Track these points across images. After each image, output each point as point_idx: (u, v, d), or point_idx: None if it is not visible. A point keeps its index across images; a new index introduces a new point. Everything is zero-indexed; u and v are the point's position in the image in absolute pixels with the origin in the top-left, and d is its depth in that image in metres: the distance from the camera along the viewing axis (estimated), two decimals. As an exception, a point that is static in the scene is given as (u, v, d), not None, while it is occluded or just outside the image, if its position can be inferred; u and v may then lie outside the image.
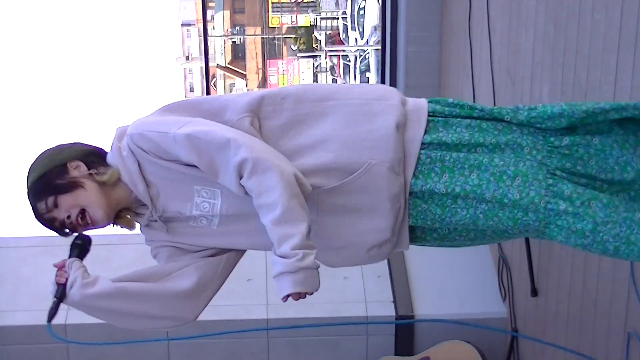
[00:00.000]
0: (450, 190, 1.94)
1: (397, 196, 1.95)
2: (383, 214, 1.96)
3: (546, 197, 1.91)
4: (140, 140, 1.98)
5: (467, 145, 1.97)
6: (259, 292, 4.23)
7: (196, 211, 2.01)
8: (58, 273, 2.02)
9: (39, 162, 2.06)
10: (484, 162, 1.94)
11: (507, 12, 3.96)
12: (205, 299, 2.08)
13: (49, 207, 2.02)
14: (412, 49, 5.28)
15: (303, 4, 26.59)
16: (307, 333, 4.20)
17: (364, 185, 1.94)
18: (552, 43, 3.35)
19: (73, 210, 2.01)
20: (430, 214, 1.98)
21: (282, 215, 1.86)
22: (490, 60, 4.22)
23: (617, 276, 2.85)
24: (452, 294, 4.29)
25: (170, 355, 4.22)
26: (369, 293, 4.29)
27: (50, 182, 2.01)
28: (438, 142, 1.98)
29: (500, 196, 1.92)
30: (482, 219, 1.95)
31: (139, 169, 2.01)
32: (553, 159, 1.95)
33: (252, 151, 1.88)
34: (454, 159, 1.95)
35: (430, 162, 1.97)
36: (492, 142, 1.97)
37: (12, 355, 4.20)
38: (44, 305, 4.56)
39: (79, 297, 1.99)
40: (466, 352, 4.02)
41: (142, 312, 2.02)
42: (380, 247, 2.01)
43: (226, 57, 27.89)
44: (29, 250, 4.48)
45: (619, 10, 2.71)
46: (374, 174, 1.94)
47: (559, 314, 3.49)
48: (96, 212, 2.02)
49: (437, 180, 1.95)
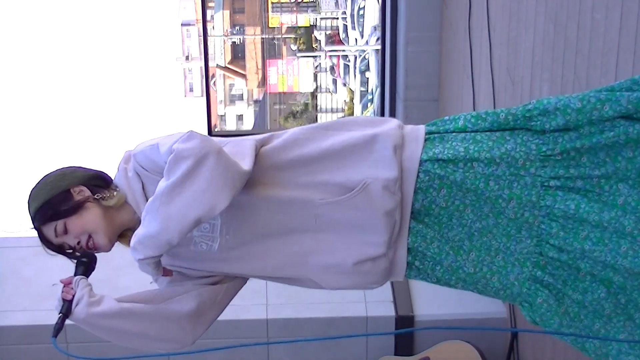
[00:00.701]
0: (449, 204, 1.99)
1: (392, 212, 1.98)
2: (378, 230, 1.98)
3: (540, 218, 1.97)
4: (142, 158, 2.03)
5: (463, 160, 1.99)
6: (259, 292, 4.23)
7: (197, 232, 2.04)
8: (65, 289, 2.03)
9: (41, 188, 2.08)
10: (480, 187, 1.97)
11: (507, 12, 3.96)
12: (204, 325, 2.14)
13: (58, 233, 2.06)
14: (412, 49, 5.28)
15: (303, 4, 26.58)
16: (307, 333, 4.20)
17: (361, 203, 1.97)
18: (552, 43, 3.35)
19: (83, 236, 2.06)
20: (420, 236, 2.01)
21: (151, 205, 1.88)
22: (490, 60, 4.22)
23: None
24: (452, 293, 4.28)
25: (170, 356, 4.22)
26: (369, 293, 4.29)
27: (56, 207, 2.05)
28: (435, 159, 2.01)
29: (496, 213, 1.99)
30: (477, 236, 2.00)
31: (142, 189, 2.05)
32: (546, 168, 1.97)
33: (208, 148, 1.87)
34: (450, 181, 1.98)
35: (428, 179, 2.00)
36: (487, 157, 1.99)
37: (12, 355, 4.20)
38: (44, 306, 4.60)
39: (84, 314, 2.00)
40: (466, 352, 4.02)
41: (143, 333, 2.05)
42: (374, 261, 2.01)
43: (226, 57, 27.89)
44: (29, 250, 4.48)
45: (619, 10, 2.71)
46: (370, 192, 1.97)
47: (559, 314, 3.49)
48: (100, 239, 2.07)
49: (435, 195, 1.99)
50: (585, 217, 1.93)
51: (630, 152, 1.93)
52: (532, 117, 2.00)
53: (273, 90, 27.78)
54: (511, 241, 2.00)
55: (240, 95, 29.33)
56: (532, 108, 2.00)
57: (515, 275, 2.02)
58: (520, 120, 2.02)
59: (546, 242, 1.97)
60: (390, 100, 5.64)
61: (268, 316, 4.17)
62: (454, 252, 2.02)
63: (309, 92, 27.51)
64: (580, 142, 1.95)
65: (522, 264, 2.01)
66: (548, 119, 1.98)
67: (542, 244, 1.98)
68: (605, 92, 1.98)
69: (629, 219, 1.90)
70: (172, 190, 1.86)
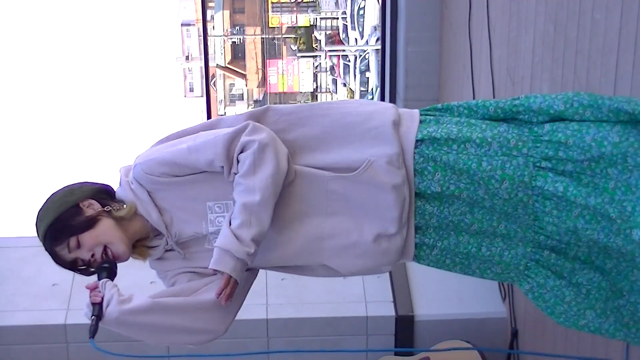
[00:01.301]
0: (444, 189, 2.00)
1: (400, 187, 2.00)
2: (389, 206, 2.00)
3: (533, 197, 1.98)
4: (153, 166, 2.03)
5: (456, 140, 2.01)
6: (259, 292, 4.23)
7: (212, 227, 2.05)
8: (92, 294, 2.01)
9: (49, 206, 2.07)
10: (473, 167, 1.98)
11: (507, 12, 3.96)
12: (233, 312, 2.12)
13: (72, 248, 2.04)
14: (412, 49, 5.28)
15: (303, 4, 26.60)
16: (307, 333, 4.21)
17: (368, 179, 1.99)
18: (552, 43, 3.35)
19: (97, 248, 2.05)
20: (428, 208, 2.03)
21: (258, 204, 1.93)
22: (490, 60, 4.22)
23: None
24: (452, 294, 4.30)
25: (170, 356, 4.22)
26: (369, 293, 4.29)
27: (67, 223, 2.03)
28: (429, 138, 2.03)
29: (490, 195, 1.99)
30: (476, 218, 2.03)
31: (150, 197, 2.05)
32: (538, 149, 1.98)
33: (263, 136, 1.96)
34: (444, 161, 2.00)
35: (423, 161, 2.02)
36: (480, 137, 2.01)
37: (12, 355, 4.20)
38: (44, 306, 4.59)
39: (116, 313, 1.98)
40: (466, 352, 4.02)
41: (177, 326, 2.03)
42: (390, 239, 2.02)
43: (226, 57, 27.90)
44: (29, 250, 4.48)
45: (619, 10, 2.71)
46: (375, 169, 1.99)
47: (559, 314, 3.49)
48: (119, 248, 2.05)
49: (430, 178, 2.01)
50: (573, 200, 1.94)
51: (617, 137, 1.93)
52: (519, 112, 2.05)
53: (273, 90, 27.78)
54: (509, 221, 2.01)
55: (240, 95, 29.31)
56: (518, 104, 2.05)
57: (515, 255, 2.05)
58: (509, 113, 2.07)
59: (542, 219, 1.99)
60: (390, 100, 5.64)
61: (268, 316, 4.17)
62: (455, 233, 2.05)
63: (309, 92, 27.52)
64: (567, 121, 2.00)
65: (525, 244, 2.03)
66: (534, 115, 2.03)
67: (539, 221, 1.99)
68: (588, 96, 2.00)
69: (614, 207, 1.89)
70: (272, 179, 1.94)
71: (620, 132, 1.93)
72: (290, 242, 2.05)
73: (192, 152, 1.99)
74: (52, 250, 2.06)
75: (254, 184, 1.93)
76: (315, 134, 2.05)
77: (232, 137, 1.97)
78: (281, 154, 1.98)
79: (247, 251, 1.93)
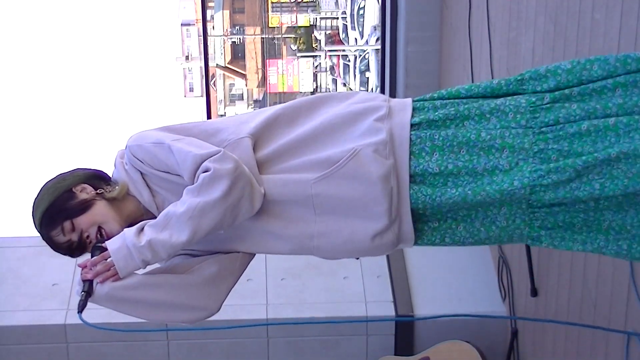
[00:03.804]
0: (443, 168, 1.99)
1: (386, 177, 1.98)
2: (376, 199, 1.98)
3: (533, 164, 1.94)
4: (138, 150, 2.05)
5: (454, 119, 2.02)
6: (259, 292, 4.23)
7: None
8: (83, 271, 2.02)
9: (43, 193, 2.09)
10: (472, 138, 1.98)
11: (507, 12, 3.96)
12: (226, 290, 2.11)
13: (66, 231, 2.05)
14: (412, 49, 5.29)
15: (303, 4, 26.58)
16: (307, 333, 4.21)
17: (352, 170, 1.98)
18: (552, 43, 3.35)
19: (91, 229, 2.06)
20: (421, 195, 2.00)
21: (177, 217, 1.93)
22: (490, 60, 4.22)
23: (617, 276, 2.85)
24: (452, 294, 4.30)
25: (170, 356, 4.23)
26: (368, 293, 4.29)
27: (62, 208, 2.05)
28: (427, 121, 2.03)
29: (491, 168, 1.97)
30: (471, 195, 1.97)
31: (143, 178, 2.08)
32: (537, 119, 1.98)
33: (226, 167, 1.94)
34: (442, 137, 2.00)
35: (420, 142, 2.01)
36: (477, 114, 2.01)
37: (12, 355, 4.20)
38: (44, 306, 4.59)
39: (107, 289, 1.99)
40: (466, 352, 4.02)
41: (170, 302, 2.03)
42: (382, 235, 2.02)
43: (226, 57, 27.89)
44: (29, 250, 4.48)
45: (619, 10, 2.71)
46: (360, 158, 1.98)
47: (559, 314, 3.49)
48: (113, 227, 2.06)
49: (428, 159, 2.00)
50: (579, 152, 1.93)
51: (620, 98, 1.93)
52: (523, 81, 2.05)
53: (273, 90, 27.76)
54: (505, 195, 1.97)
55: (240, 95, 29.31)
56: (524, 73, 2.05)
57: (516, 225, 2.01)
58: (513, 85, 2.06)
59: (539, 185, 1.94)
60: (390, 100, 5.64)
61: (268, 316, 4.17)
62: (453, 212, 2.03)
63: (308, 92, 27.49)
64: (569, 90, 1.98)
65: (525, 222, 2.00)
66: (539, 81, 2.02)
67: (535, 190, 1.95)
68: (594, 57, 2.00)
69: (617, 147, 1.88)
70: (209, 209, 1.92)
71: (622, 92, 1.93)
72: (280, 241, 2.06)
73: (169, 153, 2.01)
74: (48, 237, 2.07)
75: (188, 200, 1.94)
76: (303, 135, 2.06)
77: (202, 159, 1.97)
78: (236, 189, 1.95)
79: (137, 244, 1.93)
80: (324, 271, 4.39)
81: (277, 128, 2.09)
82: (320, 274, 4.38)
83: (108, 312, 2.06)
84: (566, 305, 3.38)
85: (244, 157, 2.02)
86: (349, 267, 4.36)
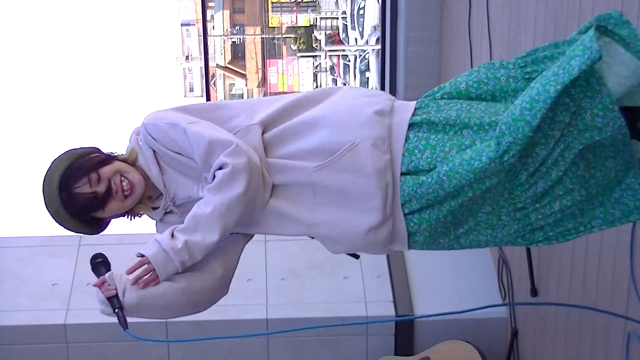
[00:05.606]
0: (431, 166, 2.01)
1: (382, 171, 2.02)
2: (370, 192, 2.02)
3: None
4: (153, 129, 2.12)
5: (454, 125, 2.03)
6: (259, 292, 4.23)
7: (202, 193, 2.11)
8: (103, 289, 2.04)
9: (57, 162, 2.14)
10: (465, 144, 2.00)
11: (507, 12, 3.96)
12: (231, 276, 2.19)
13: (93, 182, 2.09)
14: (412, 49, 5.29)
15: (303, 4, 26.59)
16: (307, 333, 4.21)
17: (349, 162, 2.02)
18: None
19: (115, 176, 2.11)
20: (406, 187, 2.03)
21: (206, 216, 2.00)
22: (490, 60, 4.22)
23: (617, 276, 2.85)
24: (452, 294, 4.30)
25: (170, 356, 4.23)
26: (368, 293, 4.29)
27: (84, 163, 2.11)
28: (427, 122, 2.06)
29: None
30: (447, 181, 1.97)
31: (154, 156, 2.14)
32: None
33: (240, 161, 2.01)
34: (437, 139, 2.03)
35: (416, 140, 2.04)
36: (477, 124, 2.02)
37: (12, 355, 4.20)
38: (44, 305, 4.58)
39: (135, 299, 2.03)
40: (466, 352, 4.02)
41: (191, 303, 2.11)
42: (376, 231, 2.04)
43: (226, 56, 27.89)
44: (29, 250, 4.48)
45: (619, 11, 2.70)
46: (358, 151, 2.02)
47: (559, 314, 3.49)
48: (134, 176, 2.13)
49: (420, 156, 2.02)
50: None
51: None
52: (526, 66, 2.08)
53: (273, 90, 27.74)
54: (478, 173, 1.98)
55: (240, 95, 29.30)
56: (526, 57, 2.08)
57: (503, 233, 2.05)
58: (521, 82, 2.08)
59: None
60: (390, 100, 5.64)
61: (268, 316, 4.17)
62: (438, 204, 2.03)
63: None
64: None
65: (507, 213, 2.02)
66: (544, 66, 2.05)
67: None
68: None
69: None
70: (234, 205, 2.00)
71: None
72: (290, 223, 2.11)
73: (184, 135, 2.07)
74: (69, 194, 2.09)
75: (213, 200, 2.01)
76: (306, 120, 2.10)
77: (215, 146, 2.04)
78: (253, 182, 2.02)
79: (174, 247, 2.00)
80: (324, 271, 4.39)
81: (287, 116, 2.15)
82: (321, 274, 4.38)
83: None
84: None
85: (253, 144, 2.08)
86: (349, 267, 4.36)
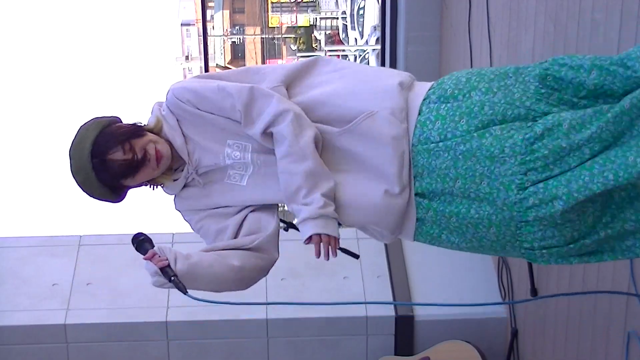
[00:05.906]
0: (442, 137, 2.04)
1: (399, 139, 2.06)
2: (387, 160, 2.05)
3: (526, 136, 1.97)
4: (182, 91, 2.16)
5: (462, 89, 2.09)
6: (258, 292, 4.22)
7: (229, 160, 2.15)
8: (154, 260, 2.07)
9: (88, 126, 2.16)
10: (474, 110, 2.03)
11: (507, 12, 3.96)
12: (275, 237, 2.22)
13: (126, 150, 2.12)
14: (412, 49, 5.29)
15: (303, 4, 26.60)
16: (307, 333, 4.21)
17: (367, 129, 2.07)
18: (552, 43, 3.35)
19: (149, 145, 2.15)
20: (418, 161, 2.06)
21: (314, 167, 2.05)
22: (490, 60, 4.22)
23: (617, 276, 2.85)
24: (452, 294, 4.29)
25: (170, 356, 4.22)
26: (368, 293, 4.29)
27: (116, 130, 2.14)
28: (439, 91, 2.12)
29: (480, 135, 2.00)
30: (462, 160, 2.01)
31: (178, 125, 2.18)
32: (541, 104, 2.02)
33: (294, 107, 2.09)
34: (447, 108, 2.07)
35: (428, 111, 2.09)
36: (486, 87, 2.07)
37: (12, 355, 4.20)
38: (44, 305, 4.58)
39: (187, 267, 2.07)
40: (466, 352, 4.02)
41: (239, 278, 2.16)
42: (392, 196, 2.07)
43: (226, 56, 27.89)
44: (29, 250, 4.47)
45: (619, 10, 2.71)
46: (376, 119, 2.07)
47: (558, 314, 3.49)
48: (163, 147, 2.17)
49: (431, 127, 2.06)
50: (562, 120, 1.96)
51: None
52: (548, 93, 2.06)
53: (273, 90, 27.46)
54: (494, 163, 1.99)
55: (240, 95, 29.18)
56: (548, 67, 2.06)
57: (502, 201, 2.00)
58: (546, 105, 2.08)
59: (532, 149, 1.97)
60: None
61: (268, 316, 4.17)
62: (442, 180, 2.05)
63: (308, 92, 27.11)
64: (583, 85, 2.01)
65: (506, 187, 1.99)
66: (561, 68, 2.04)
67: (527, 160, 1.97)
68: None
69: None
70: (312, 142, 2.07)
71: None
72: None
73: (220, 91, 2.11)
74: (102, 161, 2.11)
75: (302, 151, 2.05)
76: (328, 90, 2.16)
77: (258, 93, 2.09)
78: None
79: (318, 207, 2.04)
80: (324, 271, 4.38)
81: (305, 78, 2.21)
82: (320, 274, 4.38)
83: (109, 312, 2.06)
84: (566, 305, 3.38)
85: None
86: (349, 267, 4.36)
